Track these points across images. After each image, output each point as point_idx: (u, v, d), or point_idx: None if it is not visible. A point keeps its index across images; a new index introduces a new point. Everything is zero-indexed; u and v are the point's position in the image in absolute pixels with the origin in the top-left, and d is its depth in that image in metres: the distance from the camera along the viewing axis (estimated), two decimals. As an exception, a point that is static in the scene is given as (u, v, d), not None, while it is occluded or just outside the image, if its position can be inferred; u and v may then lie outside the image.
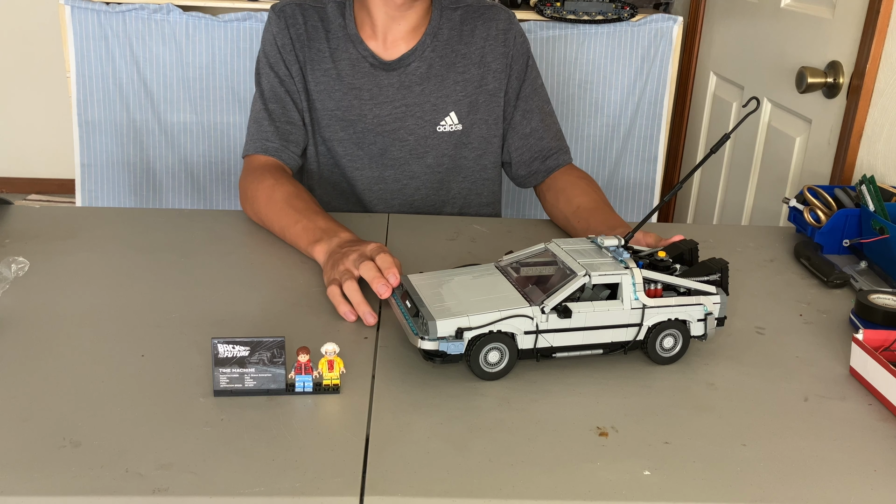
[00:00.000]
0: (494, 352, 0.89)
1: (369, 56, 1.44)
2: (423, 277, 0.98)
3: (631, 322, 0.91)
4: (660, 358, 0.94)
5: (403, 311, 0.94)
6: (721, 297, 0.95)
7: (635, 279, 0.91)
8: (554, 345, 0.90)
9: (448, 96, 1.46)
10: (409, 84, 1.45)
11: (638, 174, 2.51)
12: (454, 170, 1.52)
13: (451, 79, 1.46)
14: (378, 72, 1.44)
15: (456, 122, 1.48)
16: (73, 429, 0.78)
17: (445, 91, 1.46)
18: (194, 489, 0.71)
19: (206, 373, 0.88)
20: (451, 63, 1.46)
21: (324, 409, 0.84)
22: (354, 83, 1.44)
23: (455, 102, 1.47)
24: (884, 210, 1.23)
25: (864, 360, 0.92)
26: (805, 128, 1.80)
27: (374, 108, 1.45)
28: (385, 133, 1.47)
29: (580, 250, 0.96)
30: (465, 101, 1.47)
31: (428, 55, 1.45)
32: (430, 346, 0.87)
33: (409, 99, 1.45)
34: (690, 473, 0.76)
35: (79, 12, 2.22)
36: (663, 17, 2.37)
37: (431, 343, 0.87)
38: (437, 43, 1.46)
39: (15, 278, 1.09)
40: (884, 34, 1.51)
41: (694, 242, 1.02)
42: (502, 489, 0.73)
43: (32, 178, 3.86)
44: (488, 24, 1.48)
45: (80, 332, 0.97)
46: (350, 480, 0.73)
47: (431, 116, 1.47)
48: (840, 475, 0.77)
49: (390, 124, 1.46)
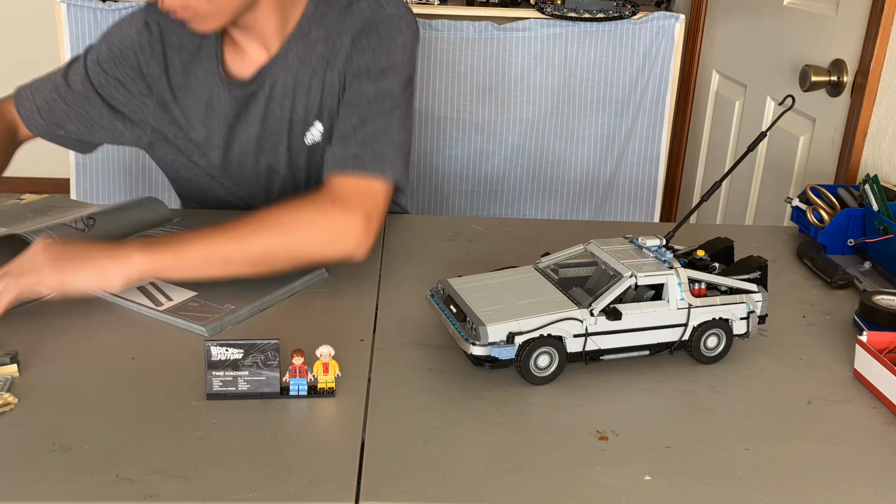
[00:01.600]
0: (544, 356, 0.87)
1: (224, 80, 1.27)
2: (464, 281, 0.96)
3: (677, 322, 0.91)
4: (704, 357, 0.94)
5: (448, 316, 0.92)
6: (763, 295, 0.95)
7: (680, 279, 0.91)
8: (602, 347, 0.89)
9: (313, 105, 1.27)
10: (276, 97, 1.27)
11: (640, 173, 2.50)
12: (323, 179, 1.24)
13: (314, 87, 1.26)
14: (238, 90, 1.27)
15: (321, 129, 1.29)
16: (63, 433, 0.77)
17: (310, 100, 1.27)
18: (186, 495, 0.70)
19: (198, 376, 0.87)
20: (312, 69, 1.26)
21: (318, 412, 0.82)
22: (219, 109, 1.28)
23: (318, 111, 1.28)
24: (888, 210, 1.21)
25: (869, 362, 0.90)
26: (809, 126, 1.79)
27: (246, 129, 1.30)
28: (267, 151, 1.31)
29: (621, 251, 0.96)
30: (325, 109, 1.28)
31: (292, 63, 1.25)
32: (480, 351, 0.85)
33: (278, 114, 1.28)
34: (692, 478, 0.75)
35: (74, 10, 2.21)
36: (665, 14, 2.35)
37: (482, 349, 0.85)
38: (304, 46, 1.25)
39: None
40: (888, 32, 1.50)
41: (730, 241, 1.02)
42: (500, 494, 0.71)
43: (27, 178, 3.85)
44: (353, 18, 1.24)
45: (69, 334, 0.95)
46: (345, 485, 0.71)
47: (300, 128, 1.29)
48: (844, 479, 0.76)
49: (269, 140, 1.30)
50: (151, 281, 1.07)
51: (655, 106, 2.43)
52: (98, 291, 1.00)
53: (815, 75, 1.67)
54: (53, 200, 1.31)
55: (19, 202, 1.29)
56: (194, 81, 1.29)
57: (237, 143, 1.31)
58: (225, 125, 1.30)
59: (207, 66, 1.28)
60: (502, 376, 0.90)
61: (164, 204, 1.28)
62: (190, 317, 0.99)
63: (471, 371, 0.91)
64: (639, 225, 1.87)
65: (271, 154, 1.32)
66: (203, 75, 1.28)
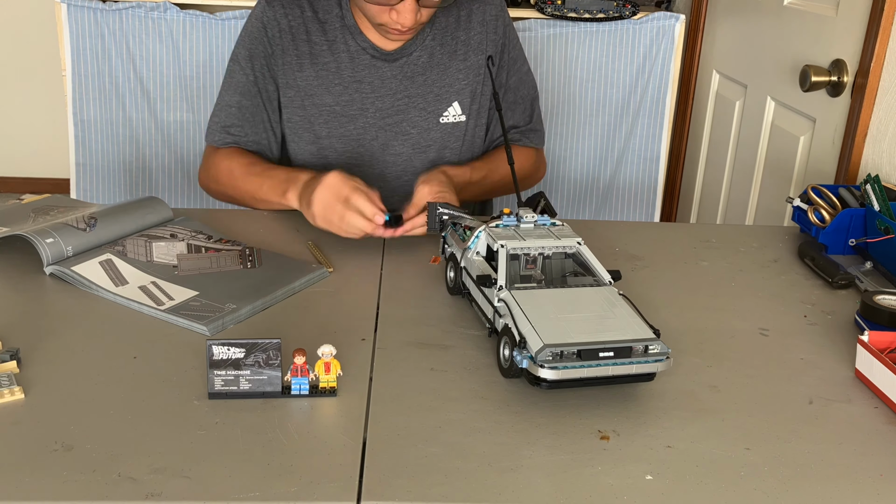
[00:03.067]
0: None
1: (369, 47, 1.39)
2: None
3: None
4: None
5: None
6: None
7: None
8: None
9: (451, 85, 1.42)
10: (412, 74, 1.41)
11: (640, 173, 2.50)
12: (448, 162, 1.47)
13: (454, 67, 1.42)
14: (379, 63, 1.39)
15: (459, 112, 1.44)
16: (65, 432, 0.77)
17: (448, 80, 1.42)
18: (188, 494, 0.70)
19: (200, 375, 0.87)
20: (452, 51, 1.42)
21: (320, 412, 0.82)
22: (355, 76, 1.40)
23: (458, 92, 1.43)
24: (889, 210, 1.21)
25: (870, 362, 0.90)
26: (809, 126, 1.79)
27: (375, 101, 1.41)
28: (387, 127, 1.42)
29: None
30: (467, 91, 1.44)
31: (429, 43, 1.41)
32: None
33: (411, 90, 1.41)
34: (693, 478, 0.75)
35: (75, 10, 2.21)
36: (665, 14, 2.35)
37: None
38: (436, 31, 1.41)
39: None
40: (888, 32, 1.50)
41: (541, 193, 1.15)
42: (502, 494, 0.71)
43: (27, 178, 3.85)
44: (483, 8, 1.43)
45: (71, 333, 0.95)
46: (347, 485, 0.71)
47: (434, 107, 1.43)
48: (845, 479, 0.76)
49: (392, 117, 1.42)
50: (153, 280, 1.07)
51: (655, 106, 2.43)
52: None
53: (815, 75, 1.67)
54: (54, 200, 1.31)
55: (20, 202, 1.29)
56: (324, 49, 1.39)
57: (363, 113, 1.41)
58: (357, 91, 1.40)
59: (343, 36, 1.39)
60: (501, 377, 0.90)
61: (164, 203, 1.28)
62: (191, 316, 0.99)
63: (472, 371, 0.91)
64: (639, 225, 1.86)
65: (391, 130, 1.42)
66: (338, 44, 1.39)
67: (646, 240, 1.32)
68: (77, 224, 1.15)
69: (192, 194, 2.39)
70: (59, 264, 1.08)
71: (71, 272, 1.07)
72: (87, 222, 1.16)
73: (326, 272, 1.13)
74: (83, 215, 1.17)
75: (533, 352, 0.82)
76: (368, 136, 1.43)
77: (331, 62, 1.39)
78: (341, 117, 1.41)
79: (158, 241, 1.18)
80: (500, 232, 0.99)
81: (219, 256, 1.16)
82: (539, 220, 1.02)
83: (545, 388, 0.85)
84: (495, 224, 1.01)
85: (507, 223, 1.01)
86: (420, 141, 1.44)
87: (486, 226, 1.01)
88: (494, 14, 1.45)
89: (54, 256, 1.09)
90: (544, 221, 1.02)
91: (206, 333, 0.96)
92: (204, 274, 1.11)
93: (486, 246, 1.01)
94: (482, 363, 0.92)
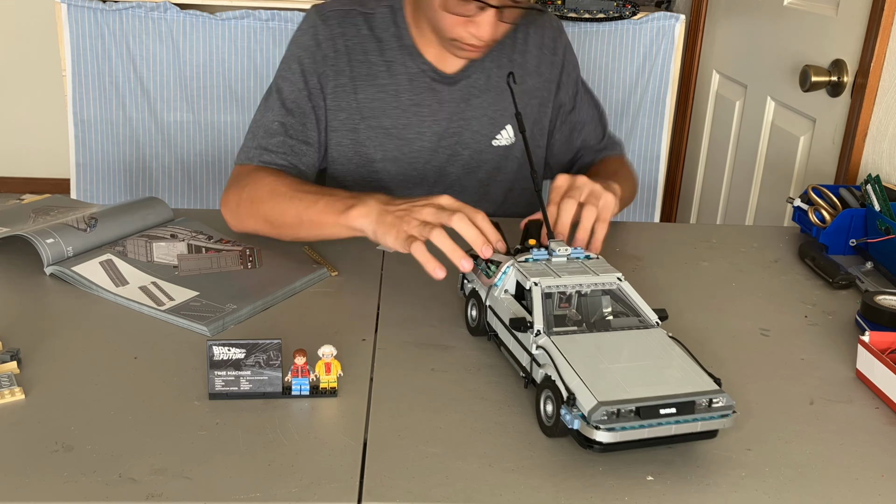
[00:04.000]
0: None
1: (429, 70, 1.33)
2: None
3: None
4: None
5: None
6: None
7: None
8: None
9: (506, 108, 1.37)
10: (469, 97, 1.36)
11: (640, 173, 2.50)
12: (501, 182, 1.44)
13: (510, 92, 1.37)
14: (439, 85, 1.34)
15: (511, 135, 1.40)
16: (66, 433, 0.77)
17: (504, 103, 1.37)
18: (189, 495, 0.70)
19: (200, 375, 0.87)
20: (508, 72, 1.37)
21: (321, 412, 0.82)
22: (414, 99, 1.33)
23: (511, 116, 1.36)
24: (889, 210, 1.21)
25: (871, 362, 0.90)
26: (809, 126, 1.79)
27: (433, 125, 1.35)
28: (440, 149, 1.37)
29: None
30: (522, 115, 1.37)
31: (487, 65, 1.36)
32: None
33: (467, 112, 1.36)
34: (694, 479, 0.74)
35: (75, 10, 2.20)
36: (665, 15, 2.35)
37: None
38: (494, 52, 1.36)
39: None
40: (888, 32, 1.50)
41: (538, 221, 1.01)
42: (502, 495, 0.71)
43: (27, 178, 3.85)
44: (540, 31, 1.40)
45: (71, 333, 0.95)
46: (347, 485, 0.71)
47: (488, 130, 1.38)
48: (846, 480, 0.76)
49: (447, 139, 1.37)
50: (153, 281, 1.07)
51: (656, 106, 2.42)
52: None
53: (815, 75, 1.67)
54: (54, 200, 1.31)
55: (20, 202, 1.29)
56: (382, 70, 1.33)
57: (420, 136, 1.36)
58: (415, 115, 1.34)
59: (401, 56, 1.33)
60: (503, 377, 0.90)
61: (165, 203, 1.28)
62: (192, 316, 0.99)
63: (473, 371, 0.91)
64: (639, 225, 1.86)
65: (444, 153, 1.38)
66: (396, 66, 1.33)
67: (646, 240, 1.32)
68: (77, 224, 1.14)
69: (192, 195, 2.39)
70: (60, 264, 1.08)
71: (71, 272, 1.07)
72: (87, 223, 1.16)
73: (327, 272, 1.13)
74: (83, 216, 1.17)
75: (585, 411, 0.72)
76: (422, 158, 1.37)
77: (389, 84, 1.33)
78: (397, 140, 1.35)
79: (159, 241, 1.18)
80: (531, 267, 0.90)
81: (219, 257, 1.16)
82: (573, 254, 0.93)
83: (598, 452, 0.75)
84: (524, 258, 0.92)
85: (538, 257, 0.92)
86: (470, 162, 1.40)
87: (514, 260, 0.92)
88: (552, 37, 1.42)
89: (55, 257, 1.09)
90: (578, 255, 0.93)
91: (206, 334, 0.96)
92: (204, 274, 1.11)
93: (514, 283, 0.91)
94: (483, 364, 0.92)
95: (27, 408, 0.81)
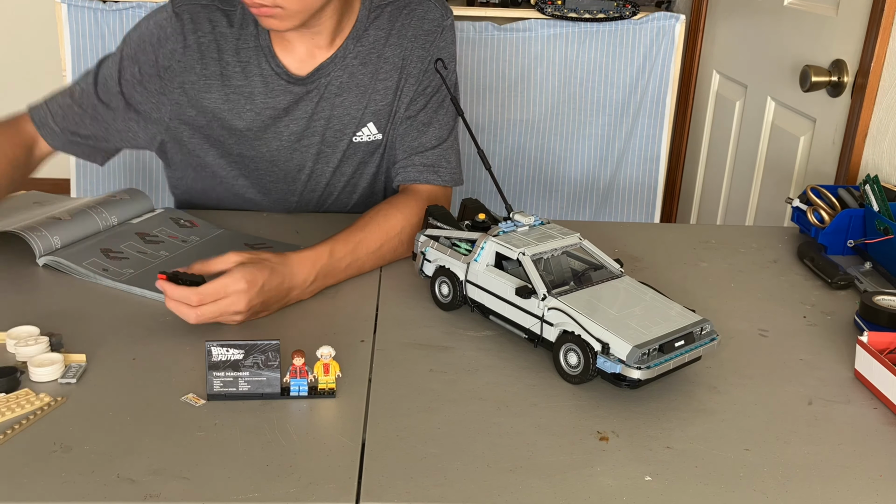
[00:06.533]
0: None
1: (283, 73, 1.27)
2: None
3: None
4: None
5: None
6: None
7: None
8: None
9: (367, 106, 1.32)
10: (328, 96, 1.31)
11: (640, 174, 2.50)
12: (373, 176, 1.41)
13: (372, 87, 1.32)
14: (295, 87, 1.29)
15: (374, 131, 1.35)
16: (64, 433, 0.77)
17: (364, 101, 1.32)
18: (187, 495, 0.70)
19: (199, 376, 0.87)
20: (374, 71, 1.31)
21: (319, 413, 0.82)
22: (268, 102, 1.29)
23: (374, 112, 1.33)
24: (888, 210, 1.21)
25: (869, 362, 0.90)
26: (809, 127, 1.79)
27: (290, 125, 1.31)
28: (302, 148, 1.34)
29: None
30: (384, 111, 1.34)
31: (349, 63, 1.30)
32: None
33: (326, 111, 1.31)
34: (692, 479, 0.74)
35: (75, 10, 2.21)
36: (665, 15, 2.35)
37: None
38: (361, 48, 1.30)
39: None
40: (888, 32, 1.50)
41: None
42: (501, 495, 0.71)
43: (29, 178, 3.84)
44: (419, 21, 1.32)
45: (70, 335, 0.95)
46: (346, 486, 0.71)
47: (350, 128, 1.33)
48: (845, 480, 0.76)
49: (308, 139, 1.33)
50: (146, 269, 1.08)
51: (656, 106, 2.43)
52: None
53: (815, 75, 1.67)
54: (32, 197, 1.33)
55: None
56: (237, 72, 1.27)
57: (277, 137, 1.32)
58: (270, 118, 1.30)
59: (256, 57, 1.27)
60: (502, 377, 0.90)
61: (144, 194, 1.31)
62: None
63: (471, 372, 0.91)
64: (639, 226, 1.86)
65: (306, 151, 1.35)
66: (251, 67, 1.27)
67: (646, 240, 1.32)
68: (62, 217, 1.16)
69: (192, 195, 2.39)
70: (52, 255, 1.10)
71: (63, 261, 1.09)
72: (71, 215, 1.17)
73: None
74: (66, 209, 1.20)
75: (623, 355, 0.83)
76: (282, 157, 1.34)
77: (243, 86, 1.28)
78: (254, 140, 1.32)
79: (150, 242, 1.20)
80: (507, 239, 0.97)
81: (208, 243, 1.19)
82: (535, 223, 1.02)
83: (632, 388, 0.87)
84: (495, 232, 0.99)
85: (507, 229, 0.99)
86: (334, 159, 1.36)
87: (488, 235, 0.98)
88: (427, 29, 1.33)
89: (45, 249, 1.11)
90: (537, 222, 1.02)
91: None
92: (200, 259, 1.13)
93: (494, 256, 0.98)
94: (481, 364, 0.92)
95: (26, 408, 0.81)
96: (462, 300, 1.02)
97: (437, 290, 1.05)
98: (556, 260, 0.98)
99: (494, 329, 1.00)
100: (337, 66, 1.30)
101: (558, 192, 2.52)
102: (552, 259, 0.97)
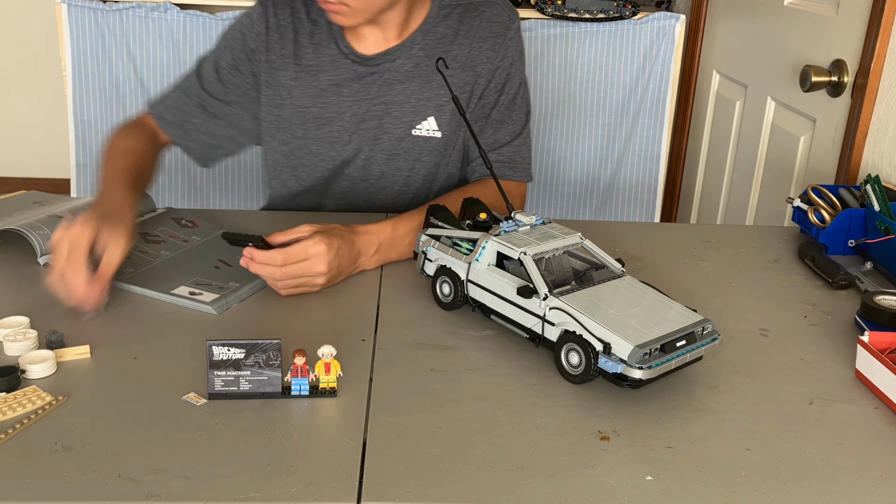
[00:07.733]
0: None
1: (350, 52, 1.36)
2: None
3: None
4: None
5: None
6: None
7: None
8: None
9: (430, 99, 1.37)
10: (391, 81, 1.37)
11: (640, 174, 2.50)
12: (426, 177, 1.44)
13: (437, 81, 1.37)
14: (360, 68, 1.36)
15: (435, 127, 1.39)
16: (65, 433, 0.77)
17: (428, 93, 1.37)
18: (188, 494, 0.70)
19: (200, 375, 0.87)
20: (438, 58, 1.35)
21: (320, 412, 0.82)
22: (333, 79, 1.37)
23: (436, 107, 1.38)
24: (889, 210, 1.21)
25: (870, 362, 0.90)
26: (809, 127, 1.79)
27: (352, 105, 1.37)
28: (361, 132, 1.38)
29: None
30: (447, 107, 1.38)
31: (416, 53, 1.37)
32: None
33: (388, 97, 1.37)
34: (693, 478, 0.74)
35: (75, 10, 2.21)
36: (665, 15, 2.35)
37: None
38: (429, 41, 1.37)
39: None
40: (888, 32, 1.50)
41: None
42: (502, 494, 0.71)
43: (27, 178, 3.84)
44: (488, 23, 1.38)
45: (71, 334, 0.95)
46: (347, 485, 0.71)
47: (409, 118, 1.38)
48: (846, 480, 0.76)
49: (367, 122, 1.38)
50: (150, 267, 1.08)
51: (656, 106, 2.43)
52: None
53: (815, 75, 1.67)
54: (30, 196, 1.33)
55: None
56: (309, 52, 1.37)
57: (339, 116, 1.38)
58: (334, 94, 1.37)
59: (327, 40, 1.37)
60: (502, 377, 0.90)
61: (147, 194, 1.32)
62: (197, 297, 1.02)
63: (472, 371, 0.91)
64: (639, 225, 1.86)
65: (364, 135, 1.39)
66: (322, 48, 1.37)
67: (646, 240, 1.32)
68: (64, 216, 1.16)
69: (192, 194, 2.39)
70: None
71: None
72: (73, 213, 1.17)
73: None
74: (67, 208, 1.20)
75: (625, 355, 0.83)
76: (342, 139, 1.39)
77: (313, 65, 1.37)
78: (317, 119, 1.38)
79: (151, 241, 1.20)
80: (509, 238, 0.97)
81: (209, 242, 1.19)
82: (536, 222, 1.02)
83: (631, 388, 0.87)
84: (497, 232, 0.99)
85: (508, 228, 0.99)
86: (389, 149, 1.40)
87: (489, 235, 0.98)
88: (496, 31, 1.38)
89: (47, 247, 1.11)
90: (538, 222, 1.02)
91: (212, 312, 0.99)
92: (201, 258, 1.14)
93: (495, 255, 0.98)
94: (482, 364, 0.92)
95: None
96: (463, 300, 1.02)
97: (438, 290, 1.05)
98: (557, 259, 0.98)
99: (496, 329, 1.00)
100: (403, 53, 1.37)
101: (558, 192, 2.52)
102: (553, 259, 0.97)
